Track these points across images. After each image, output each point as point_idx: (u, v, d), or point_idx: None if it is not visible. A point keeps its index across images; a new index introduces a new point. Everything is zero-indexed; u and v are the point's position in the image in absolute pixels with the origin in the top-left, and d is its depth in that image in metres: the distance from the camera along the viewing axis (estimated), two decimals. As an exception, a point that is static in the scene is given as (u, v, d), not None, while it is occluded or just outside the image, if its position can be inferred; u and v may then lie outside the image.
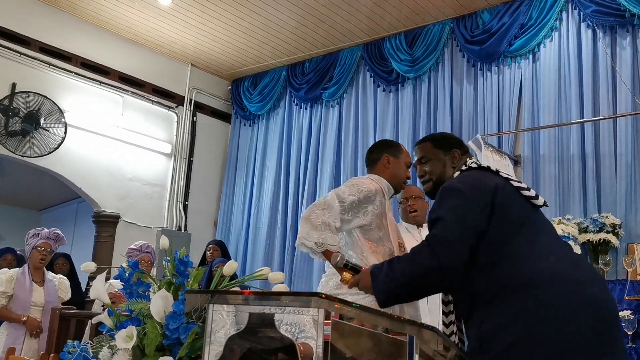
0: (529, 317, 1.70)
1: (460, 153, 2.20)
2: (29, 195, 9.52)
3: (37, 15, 6.11)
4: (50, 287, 4.21)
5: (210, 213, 7.50)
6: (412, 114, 6.05)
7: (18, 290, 4.01)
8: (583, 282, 1.77)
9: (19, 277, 4.07)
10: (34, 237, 4.18)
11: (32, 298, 4.02)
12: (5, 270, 4.16)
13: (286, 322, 0.97)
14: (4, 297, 4.01)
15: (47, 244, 4.18)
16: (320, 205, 2.50)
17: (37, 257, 4.13)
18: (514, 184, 1.96)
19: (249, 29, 6.42)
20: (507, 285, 1.78)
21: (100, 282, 1.91)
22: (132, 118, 6.79)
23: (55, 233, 4.24)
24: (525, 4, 5.46)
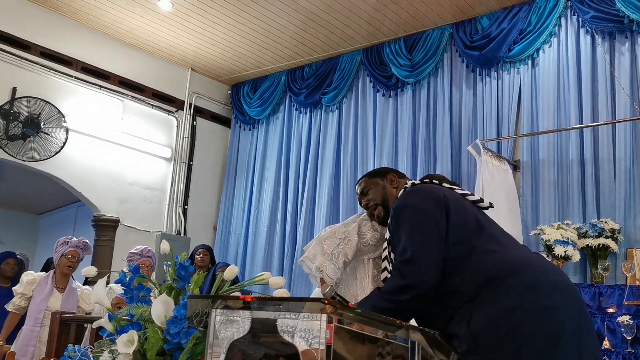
0: (516, 307, 1.74)
1: (397, 176, 2.35)
2: (28, 200, 9.53)
3: (38, 20, 6.12)
4: (70, 296, 4.21)
5: (209, 217, 7.51)
6: (412, 119, 6.07)
7: (37, 293, 4.06)
8: (549, 270, 1.87)
9: (41, 281, 4.11)
10: (63, 245, 4.24)
11: (47, 303, 4.04)
12: (30, 273, 4.23)
13: (289, 327, 0.97)
14: (23, 299, 4.04)
15: (76, 252, 4.23)
16: (339, 235, 2.41)
17: (64, 264, 4.19)
18: (458, 191, 2.07)
19: (248, 33, 6.44)
20: (486, 280, 1.81)
21: (101, 286, 1.91)
22: (132, 122, 6.80)
23: (83, 242, 4.32)
24: (524, 10, 5.49)
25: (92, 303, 4.07)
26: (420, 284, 1.84)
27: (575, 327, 1.75)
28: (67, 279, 4.26)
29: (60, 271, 4.21)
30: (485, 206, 2.07)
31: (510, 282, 1.78)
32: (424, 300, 1.87)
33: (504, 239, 1.98)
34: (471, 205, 2.05)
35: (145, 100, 6.98)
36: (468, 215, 1.96)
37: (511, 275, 1.79)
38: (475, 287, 1.81)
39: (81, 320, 3.07)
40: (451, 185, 2.15)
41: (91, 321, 2.75)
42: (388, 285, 1.92)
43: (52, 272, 4.24)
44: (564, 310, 1.75)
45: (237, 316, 1.10)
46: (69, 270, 4.22)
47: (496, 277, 1.80)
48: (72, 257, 4.20)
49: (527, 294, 1.75)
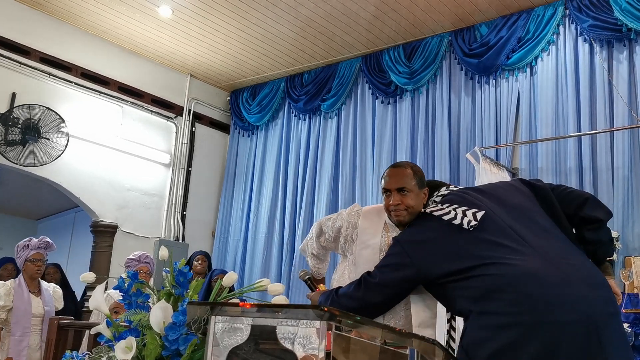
0: (504, 324, 1.74)
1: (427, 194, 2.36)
2: (27, 205, 9.51)
3: (38, 26, 6.13)
4: (47, 297, 4.20)
5: (208, 223, 7.50)
6: (410, 126, 6.08)
7: (17, 302, 4.00)
8: (557, 282, 1.76)
9: (16, 289, 4.06)
10: (24, 249, 4.17)
11: (31, 310, 4.01)
12: (2, 283, 4.14)
13: (289, 334, 0.98)
14: (3, 311, 4.00)
15: (40, 254, 4.18)
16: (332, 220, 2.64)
17: (32, 269, 4.13)
18: (445, 218, 2.05)
19: (248, 40, 6.46)
20: (476, 297, 1.84)
21: (100, 292, 1.91)
22: (131, 128, 6.80)
23: (45, 241, 4.24)
24: (523, 18, 5.51)
25: (91, 309, 4.05)
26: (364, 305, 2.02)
27: (583, 343, 1.67)
28: (37, 281, 4.22)
29: (28, 276, 4.14)
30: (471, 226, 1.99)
31: (500, 298, 1.78)
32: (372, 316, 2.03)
33: (512, 242, 1.90)
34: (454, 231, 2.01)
35: (145, 106, 6.99)
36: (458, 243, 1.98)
37: (501, 291, 1.78)
38: (469, 305, 1.86)
39: (79, 326, 3.06)
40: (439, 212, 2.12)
41: (89, 327, 2.74)
42: (343, 289, 2.12)
43: (20, 277, 4.17)
44: (561, 326, 1.68)
45: (241, 324, 1.10)
46: (38, 274, 4.18)
47: (487, 294, 1.82)
48: (37, 260, 4.15)
49: (516, 310, 1.73)
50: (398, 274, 2.01)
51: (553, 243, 1.93)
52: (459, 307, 1.93)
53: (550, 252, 1.87)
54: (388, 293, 2.02)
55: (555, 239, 1.95)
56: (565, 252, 1.90)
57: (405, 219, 2.23)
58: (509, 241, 1.91)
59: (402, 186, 2.23)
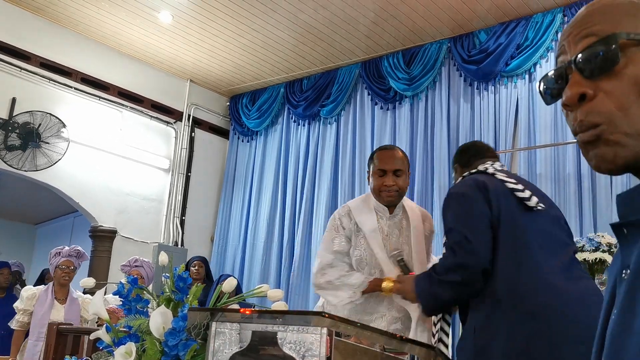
0: (518, 335, 1.71)
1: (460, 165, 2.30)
2: (25, 210, 9.52)
3: (38, 31, 6.15)
4: (73, 306, 4.20)
5: (207, 229, 7.50)
6: (410, 132, 6.10)
7: (37, 307, 4.05)
8: (578, 299, 1.75)
9: (40, 295, 4.10)
10: (56, 256, 4.23)
11: (50, 316, 4.02)
12: (29, 288, 4.22)
13: (289, 341, 0.98)
14: (25, 315, 4.04)
15: (70, 262, 4.22)
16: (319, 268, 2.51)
17: (60, 276, 4.18)
18: (509, 185, 1.97)
19: (248, 46, 6.48)
20: (492, 297, 1.80)
21: (99, 298, 1.91)
22: (131, 133, 6.81)
23: (76, 250, 4.30)
24: (522, 25, 5.54)
25: (90, 314, 4.06)
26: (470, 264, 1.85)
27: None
28: (67, 289, 4.25)
29: (57, 282, 4.20)
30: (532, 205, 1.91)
31: (519, 306, 1.75)
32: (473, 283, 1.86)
33: (529, 254, 1.84)
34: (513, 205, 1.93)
35: (144, 111, 7.00)
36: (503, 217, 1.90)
37: (522, 298, 1.75)
38: (482, 300, 1.82)
39: (78, 331, 3.06)
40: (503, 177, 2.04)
41: (89, 332, 2.74)
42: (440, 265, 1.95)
43: (51, 284, 4.24)
44: (575, 346, 1.65)
45: (239, 329, 1.10)
46: (65, 281, 4.22)
47: (498, 297, 1.78)
48: (66, 267, 4.18)
49: (532, 322, 1.70)
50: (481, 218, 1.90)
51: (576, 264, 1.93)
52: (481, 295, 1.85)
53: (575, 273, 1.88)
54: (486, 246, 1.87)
55: None
56: None
57: (396, 200, 2.40)
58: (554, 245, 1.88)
59: (398, 168, 2.44)
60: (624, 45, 0.67)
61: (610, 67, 0.67)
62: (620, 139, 0.66)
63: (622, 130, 0.66)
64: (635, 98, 0.66)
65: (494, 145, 5.48)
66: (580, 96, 0.70)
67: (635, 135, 0.65)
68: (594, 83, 0.69)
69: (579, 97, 0.70)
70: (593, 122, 0.68)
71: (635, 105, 0.66)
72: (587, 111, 0.69)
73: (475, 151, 2.30)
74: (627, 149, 0.66)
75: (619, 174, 0.68)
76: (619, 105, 0.66)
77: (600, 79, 0.69)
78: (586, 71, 0.70)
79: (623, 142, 0.66)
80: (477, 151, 2.30)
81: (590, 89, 0.69)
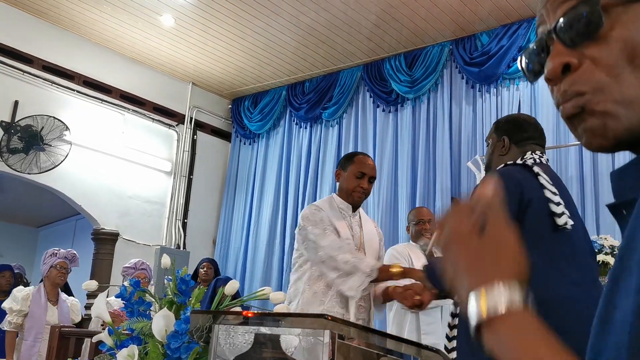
0: None
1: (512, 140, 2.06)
2: (28, 212, 9.53)
3: (41, 34, 6.17)
4: (64, 308, 4.21)
5: (209, 231, 7.50)
6: (412, 134, 6.10)
7: (34, 308, 4.03)
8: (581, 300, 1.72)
9: (34, 295, 4.09)
10: (52, 257, 4.23)
11: (46, 317, 4.02)
12: (21, 288, 4.20)
13: (292, 344, 0.98)
14: (19, 316, 4.02)
15: (65, 263, 4.24)
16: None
17: (55, 275, 4.18)
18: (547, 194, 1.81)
19: (249, 48, 6.49)
20: None
21: (102, 301, 1.91)
22: (133, 136, 6.82)
23: (72, 254, 4.32)
24: (524, 27, 5.54)
25: (93, 317, 4.05)
26: None
27: None
28: (57, 291, 4.25)
29: (50, 283, 4.18)
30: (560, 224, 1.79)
31: None
32: None
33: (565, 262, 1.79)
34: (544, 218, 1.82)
35: (146, 114, 7.01)
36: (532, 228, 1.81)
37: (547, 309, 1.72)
38: None
39: (81, 334, 3.06)
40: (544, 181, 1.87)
41: (91, 335, 2.74)
42: None
43: (42, 285, 4.21)
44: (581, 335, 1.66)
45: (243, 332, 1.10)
46: (61, 281, 4.21)
47: None
48: (62, 267, 4.19)
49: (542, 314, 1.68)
50: None
51: None
52: None
53: None
54: None
55: None
56: None
57: (361, 202, 2.67)
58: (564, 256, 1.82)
59: (374, 176, 2.71)
60: (606, 5, 0.60)
61: (594, 31, 0.60)
62: (609, 108, 0.59)
63: (612, 98, 0.59)
64: (624, 63, 0.59)
65: (496, 148, 5.47)
66: (563, 67, 0.62)
67: (627, 103, 0.58)
68: (578, 51, 0.62)
69: (562, 68, 0.62)
70: (577, 91, 0.61)
71: (626, 71, 0.59)
72: (572, 81, 0.62)
73: (533, 131, 2.09)
74: (618, 121, 0.59)
75: (614, 151, 0.62)
76: (607, 72, 0.60)
77: (585, 45, 0.61)
78: (568, 39, 0.62)
79: (613, 111, 0.59)
80: (534, 132, 2.09)
81: (575, 57, 0.62)
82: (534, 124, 2.13)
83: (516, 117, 2.20)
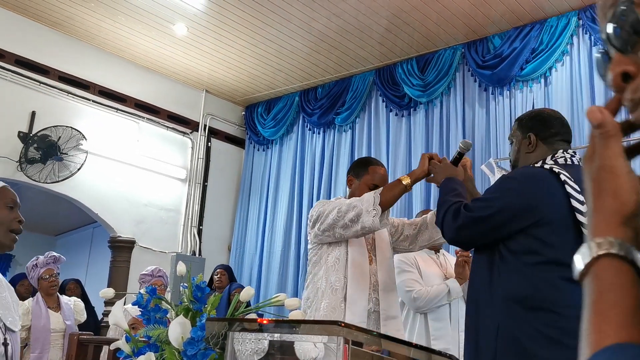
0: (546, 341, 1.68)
1: (539, 137, 1.99)
2: (45, 221, 9.63)
3: (57, 45, 6.25)
4: (67, 311, 4.23)
5: (224, 238, 7.53)
6: (425, 138, 6.08)
7: (35, 320, 4.02)
8: None
9: (33, 308, 4.07)
10: (34, 269, 4.17)
11: (50, 325, 4.03)
12: (20, 303, 4.19)
13: (307, 350, 0.99)
14: (23, 330, 4.03)
15: (50, 270, 4.20)
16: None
17: (46, 286, 4.14)
18: (573, 202, 1.74)
19: (262, 55, 6.52)
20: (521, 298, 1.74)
21: (119, 308, 1.93)
22: (148, 144, 6.88)
23: (52, 257, 4.25)
24: (536, 29, 5.51)
25: (110, 324, 4.07)
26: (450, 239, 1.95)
27: None
28: (56, 296, 4.25)
29: (44, 293, 4.16)
30: None
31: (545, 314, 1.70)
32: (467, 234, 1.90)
33: None
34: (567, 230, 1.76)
35: (161, 122, 7.07)
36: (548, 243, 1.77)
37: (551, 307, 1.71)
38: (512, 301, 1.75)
39: (99, 341, 3.09)
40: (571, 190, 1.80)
41: (109, 342, 2.77)
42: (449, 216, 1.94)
43: (38, 295, 4.20)
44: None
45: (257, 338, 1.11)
46: (53, 290, 4.19)
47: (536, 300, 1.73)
48: (49, 276, 4.16)
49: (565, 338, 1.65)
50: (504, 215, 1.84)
51: None
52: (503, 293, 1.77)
53: None
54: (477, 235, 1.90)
55: None
56: None
57: None
58: None
59: None
60: None
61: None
62: None
63: None
64: None
65: (510, 151, 5.44)
66: (622, 76, 0.59)
67: None
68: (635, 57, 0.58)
69: (621, 77, 0.59)
70: None
71: None
72: (634, 88, 0.58)
73: (559, 126, 2.02)
74: None
75: None
76: None
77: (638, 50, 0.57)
78: (621, 45, 0.59)
79: None
80: (561, 127, 2.02)
81: (632, 64, 0.58)
82: (559, 119, 2.06)
83: (540, 112, 2.15)
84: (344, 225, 2.46)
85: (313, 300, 2.56)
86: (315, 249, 2.63)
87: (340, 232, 2.49)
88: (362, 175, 2.70)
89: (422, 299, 3.22)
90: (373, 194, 2.45)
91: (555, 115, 2.08)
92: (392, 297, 2.67)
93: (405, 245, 2.73)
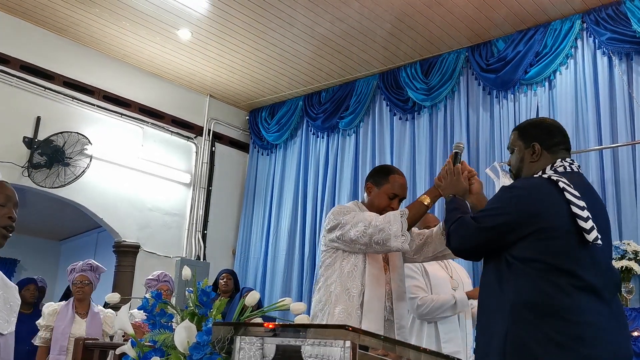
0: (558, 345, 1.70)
1: (543, 147, 2.03)
2: (50, 226, 9.66)
3: (62, 51, 6.28)
4: (94, 320, 4.21)
5: (228, 242, 7.53)
6: (429, 142, 6.08)
7: (58, 322, 4.06)
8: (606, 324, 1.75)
9: (61, 310, 4.12)
10: (71, 273, 4.26)
11: (71, 330, 4.05)
12: (50, 304, 4.24)
13: (313, 354, 0.98)
14: (47, 331, 4.07)
15: (83, 277, 4.23)
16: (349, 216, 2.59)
17: (75, 291, 4.21)
18: (574, 209, 1.80)
19: (266, 60, 6.53)
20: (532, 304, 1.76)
21: (124, 313, 1.93)
22: (152, 149, 6.90)
23: (88, 264, 4.30)
24: (540, 32, 5.50)
25: (115, 329, 4.07)
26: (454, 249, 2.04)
27: None
28: (87, 304, 4.25)
29: (75, 299, 4.21)
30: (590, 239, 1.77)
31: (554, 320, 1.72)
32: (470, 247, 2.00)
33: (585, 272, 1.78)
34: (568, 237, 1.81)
35: (165, 127, 7.09)
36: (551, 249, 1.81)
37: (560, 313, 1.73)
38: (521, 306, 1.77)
39: (104, 346, 3.09)
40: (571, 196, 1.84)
41: (114, 347, 2.77)
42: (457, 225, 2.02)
43: (72, 299, 4.26)
44: None
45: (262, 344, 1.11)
46: (80, 296, 4.22)
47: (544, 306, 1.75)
48: (79, 282, 4.19)
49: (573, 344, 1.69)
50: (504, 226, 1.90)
51: None
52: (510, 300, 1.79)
53: None
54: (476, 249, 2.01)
55: None
56: None
57: None
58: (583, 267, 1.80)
59: (406, 197, 2.72)
60: None
61: None
62: None
63: None
64: None
65: (514, 154, 5.43)
66: None
67: None
68: None
69: None
70: None
71: None
72: None
73: (561, 136, 2.07)
74: None
75: None
76: None
77: None
78: None
79: None
80: (562, 137, 2.07)
81: None
82: (559, 127, 2.11)
83: (542, 122, 2.18)
84: (367, 243, 2.45)
85: (325, 304, 2.56)
86: (329, 252, 2.61)
87: (362, 248, 2.50)
88: (383, 184, 2.66)
89: (425, 307, 3.20)
90: (400, 217, 2.43)
91: (556, 124, 2.14)
92: (404, 306, 2.66)
93: (410, 254, 2.71)
